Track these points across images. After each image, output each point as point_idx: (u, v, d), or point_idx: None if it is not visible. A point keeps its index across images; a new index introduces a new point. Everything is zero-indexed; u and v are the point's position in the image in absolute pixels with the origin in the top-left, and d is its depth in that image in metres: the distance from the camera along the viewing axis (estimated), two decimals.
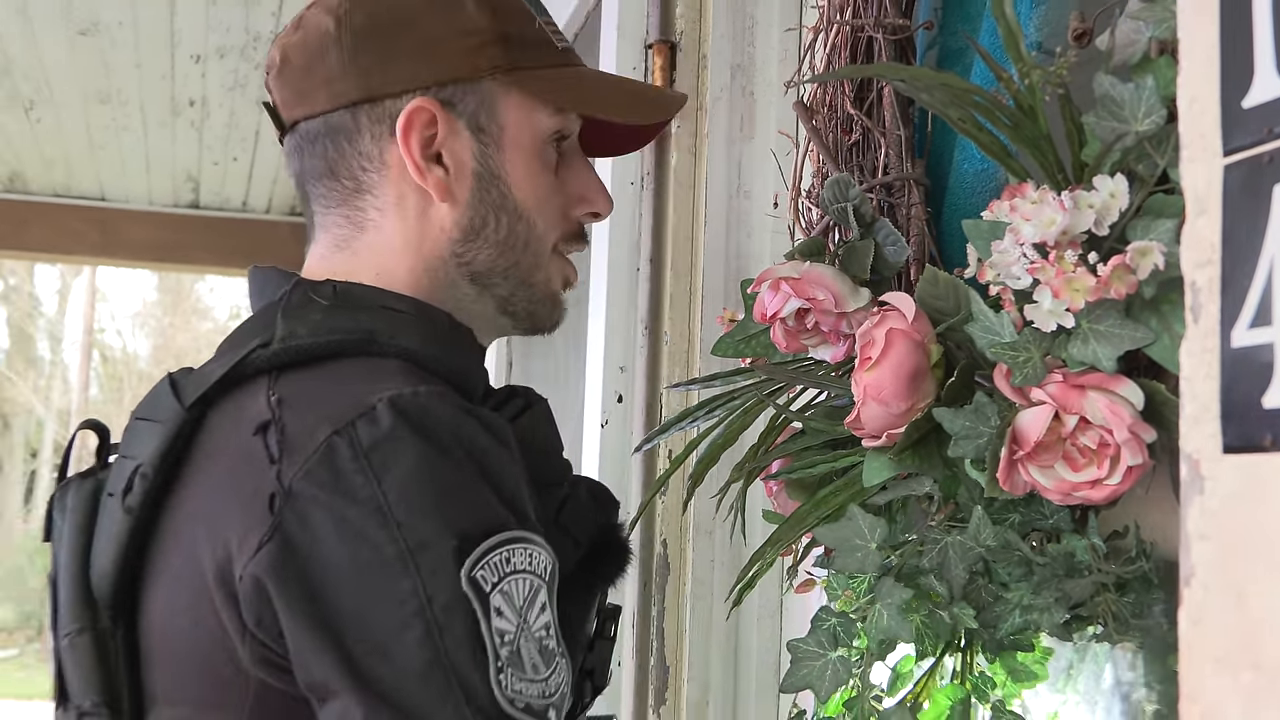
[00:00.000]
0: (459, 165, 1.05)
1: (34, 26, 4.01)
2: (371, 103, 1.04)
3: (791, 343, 1.29)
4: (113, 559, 0.97)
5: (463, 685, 0.82)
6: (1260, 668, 0.72)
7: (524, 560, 0.86)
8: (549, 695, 0.84)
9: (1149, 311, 0.99)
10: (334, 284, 1.03)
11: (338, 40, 1.03)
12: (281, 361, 0.95)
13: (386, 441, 0.87)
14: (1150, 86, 1.01)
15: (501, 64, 1.05)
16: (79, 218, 6.00)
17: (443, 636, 0.82)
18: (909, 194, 1.37)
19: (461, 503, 0.87)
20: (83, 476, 1.04)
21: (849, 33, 1.46)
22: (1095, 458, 1.02)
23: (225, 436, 0.95)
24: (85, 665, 0.97)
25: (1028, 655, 1.22)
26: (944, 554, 1.16)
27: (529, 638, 0.85)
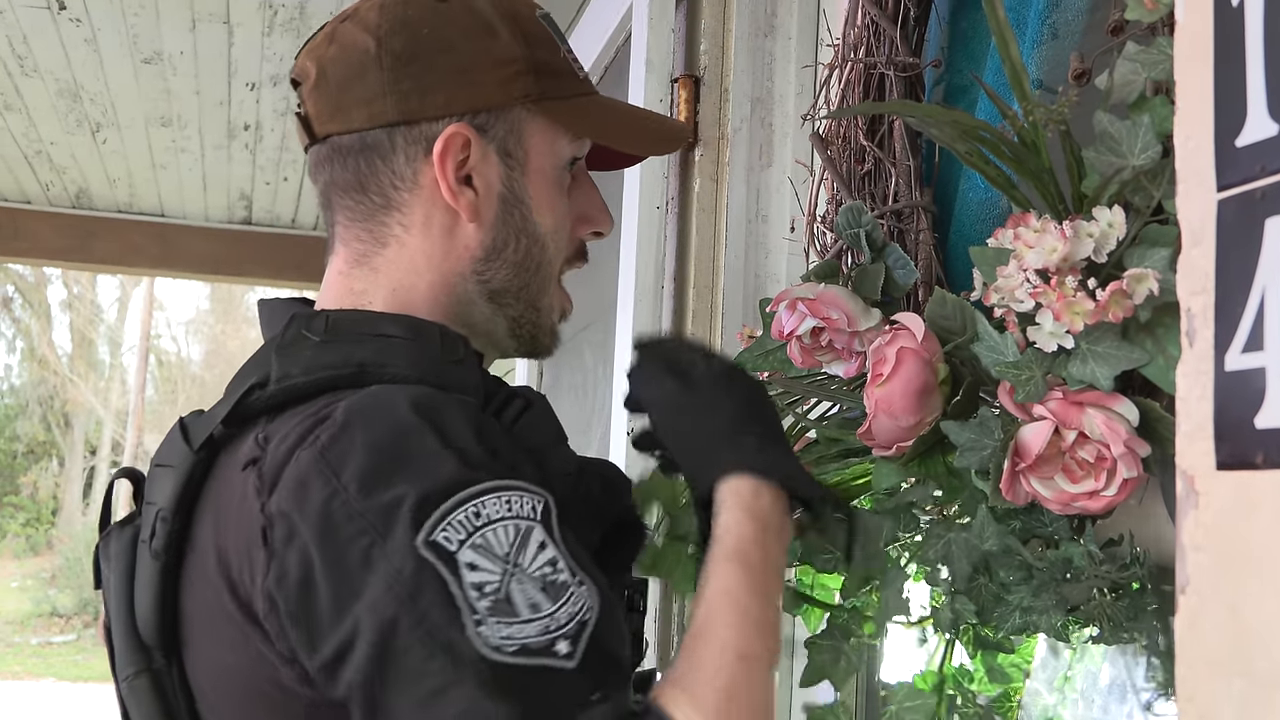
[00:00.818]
0: (487, 188, 1.03)
1: (101, 56, 4.03)
2: (408, 124, 1.02)
3: (807, 359, 1.29)
4: (151, 603, 0.96)
5: (445, 646, 0.78)
6: (1251, 676, 0.72)
7: (499, 509, 0.83)
8: (555, 629, 0.80)
9: (1144, 334, 0.99)
10: (327, 316, 1.00)
11: (378, 61, 1.01)
12: (278, 402, 0.94)
13: (341, 437, 0.86)
14: (1146, 124, 1.01)
15: (532, 93, 1.04)
16: (140, 232, 6.03)
17: (415, 603, 0.79)
18: (918, 221, 1.37)
19: (417, 472, 0.84)
20: (122, 525, 1.03)
21: (862, 69, 1.46)
22: (1093, 470, 1.02)
23: (228, 477, 0.94)
24: (146, 705, 0.97)
25: (1007, 658, 1.22)
26: (948, 548, 1.15)
27: (524, 579, 0.81)
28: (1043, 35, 1.35)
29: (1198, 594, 0.76)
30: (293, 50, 3.94)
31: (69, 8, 3.67)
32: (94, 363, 21.37)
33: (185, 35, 3.84)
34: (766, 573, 0.91)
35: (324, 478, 0.84)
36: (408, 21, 1.02)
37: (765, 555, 0.92)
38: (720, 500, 0.95)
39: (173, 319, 24.13)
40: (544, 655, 0.79)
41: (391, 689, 0.80)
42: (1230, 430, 0.74)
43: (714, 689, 0.82)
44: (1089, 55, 1.13)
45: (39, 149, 5.06)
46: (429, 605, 0.79)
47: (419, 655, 0.79)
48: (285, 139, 4.79)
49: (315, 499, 0.84)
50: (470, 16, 1.03)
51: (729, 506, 0.94)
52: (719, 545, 0.92)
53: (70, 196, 5.76)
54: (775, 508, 0.95)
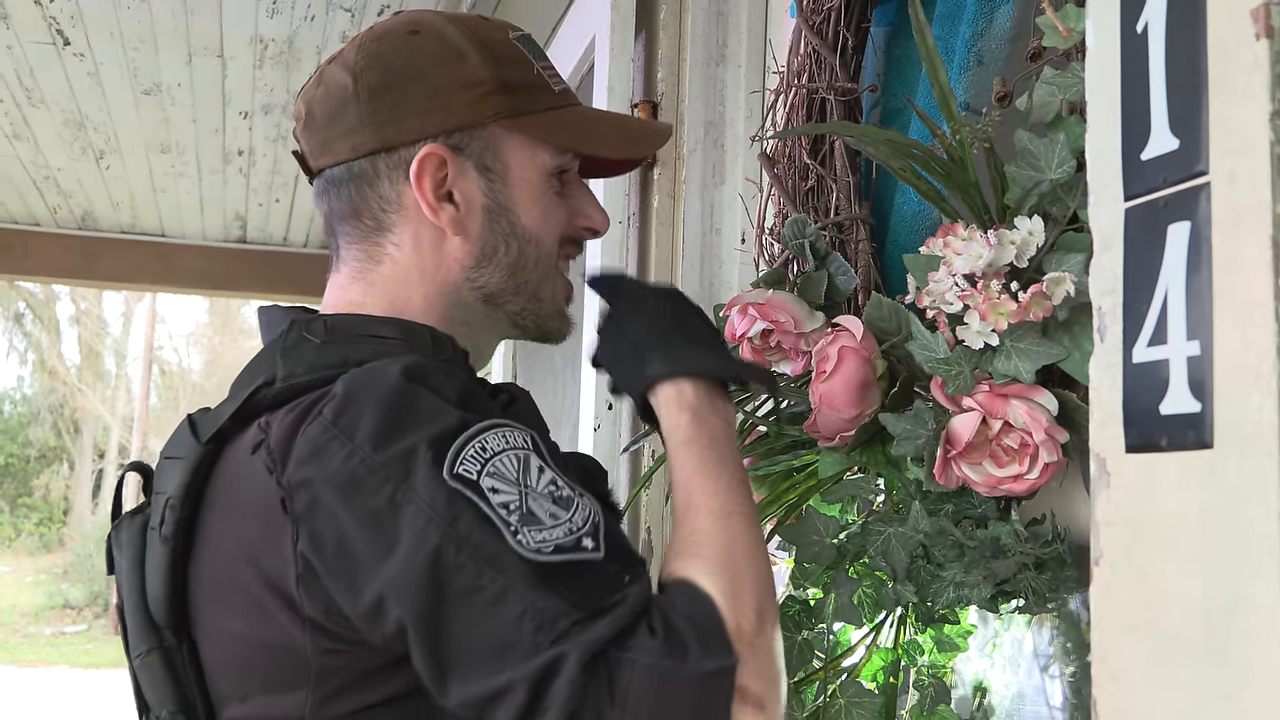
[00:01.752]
0: (469, 202, 1.03)
1: (104, 87, 4.00)
2: (388, 151, 1.02)
3: (758, 358, 1.30)
4: (161, 585, 0.96)
5: (489, 558, 0.80)
6: (1160, 636, 0.73)
7: (499, 442, 0.85)
8: (578, 530, 0.83)
9: (1062, 332, 1.00)
10: (325, 320, 1.00)
11: (355, 96, 1.01)
12: (283, 399, 0.94)
13: (346, 406, 0.87)
14: (1062, 141, 1.02)
15: (503, 110, 1.02)
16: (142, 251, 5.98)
17: (455, 528, 0.81)
18: (857, 232, 1.38)
19: (423, 423, 0.85)
20: (132, 514, 1.02)
21: (805, 94, 1.46)
22: (1017, 456, 1.03)
23: (236, 465, 0.93)
24: (158, 680, 0.96)
25: (953, 629, 1.23)
26: (888, 542, 1.16)
27: (537, 496, 0.84)
28: (969, 62, 1.36)
29: (1110, 565, 0.77)
30: (282, 81, 3.93)
31: (73, 43, 3.64)
32: (101, 373, 21.14)
33: (182, 68, 3.82)
34: (716, 446, 0.94)
35: (339, 442, 0.85)
36: (381, 55, 1.02)
37: (711, 434, 0.95)
38: (656, 407, 0.99)
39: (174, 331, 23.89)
40: (576, 551, 0.82)
41: (450, 609, 0.81)
42: (1138, 416, 0.75)
43: (715, 547, 0.86)
44: (1011, 79, 1.14)
45: (47, 175, 5.01)
46: (469, 527, 0.81)
47: (470, 572, 0.80)
48: (276, 164, 4.76)
49: (334, 461, 0.85)
50: (440, 45, 1.02)
51: (664, 409, 0.98)
52: (669, 441, 0.96)
53: (76, 219, 5.71)
54: (704, 394, 0.98)
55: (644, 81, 1.99)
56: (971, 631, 1.23)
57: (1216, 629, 0.69)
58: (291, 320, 1.00)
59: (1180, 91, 0.74)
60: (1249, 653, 0.66)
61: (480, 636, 0.79)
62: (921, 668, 1.23)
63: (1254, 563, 0.66)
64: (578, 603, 0.79)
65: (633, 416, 1.99)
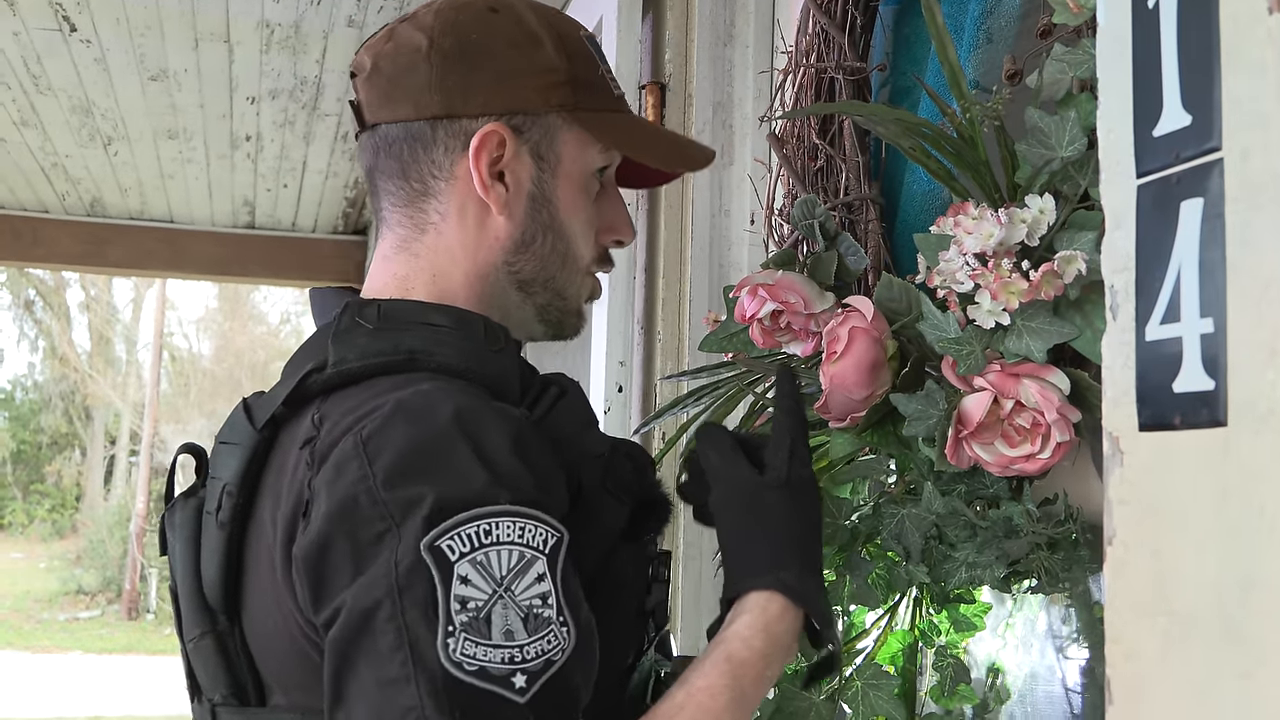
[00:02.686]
0: (518, 185, 1.02)
1: (111, 74, 4.00)
2: (450, 119, 1.01)
3: (767, 339, 1.30)
4: (217, 569, 0.96)
5: (412, 643, 0.77)
6: (1173, 614, 0.72)
7: (512, 533, 0.80)
8: (520, 662, 0.78)
9: (1074, 310, 1.00)
10: (379, 305, 1.00)
11: (428, 58, 1.01)
12: (333, 385, 0.93)
13: (383, 429, 0.85)
14: (1073, 119, 1.01)
15: (567, 103, 1.02)
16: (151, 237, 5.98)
17: (402, 597, 0.78)
18: (867, 212, 1.38)
19: (445, 478, 0.82)
20: (186, 496, 1.02)
21: (814, 74, 1.46)
22: (1029, 435, 1.02)
23: (286, 453, 0.93)
24: (211, 664, 0.97)
25: (969, 608, 1.23)
26: (901, 524, 1.16)
27: (510, 605, 0.79)
28: (978, 40, 1.35)
29: (1124, 544, 0.77)
30: (290, 67, 3.92)
31: (79, 29, 3.64)
32: (111, 359, 21.20)
33: (189, 54, 3.81)
34: (753, 692, 0.90)
35: (359, 462, 0.84)
36: (459, 25, 1.02)
37: (760, 676, 0.90)
38: (747, 604, 0.93)
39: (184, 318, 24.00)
40: (498, 684, 0.77)
41: (357, 661, 0.80)
42: (1151, 395, 0.75)
43: None
44: (1021, 57, 1.13)
45: (55, 162, 5.02)
46: (411, 603, 0.78)
47: (388, 643, 0.78)
48: (284, 149, 4.76)
49: (346, 480, 0.84)
50: (518, 27, 1.02)
51: (752, 614, 0.92)
52: (725, 645, 0.91)
53: (85, 205, 5.71)
54: (790, 632, 0.93)
55: (652, 62, 1.99)
56: (988, 609, 1.23)
57: (1230, 608, 0.68)
58: (345, 304, 1.00)
59: (1192, 67, 0.74)
60: (1263, 631, 0.66)
61: (372, 700, 0.78)
62: (939, 649, 1.23)
63: (1268, 541, 0.66)
64: None
65: (643, 398, 1.99)
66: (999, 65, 1.19)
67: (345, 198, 5.56)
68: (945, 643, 1.23)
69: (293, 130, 4.54)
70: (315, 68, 3.94)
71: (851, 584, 1.22)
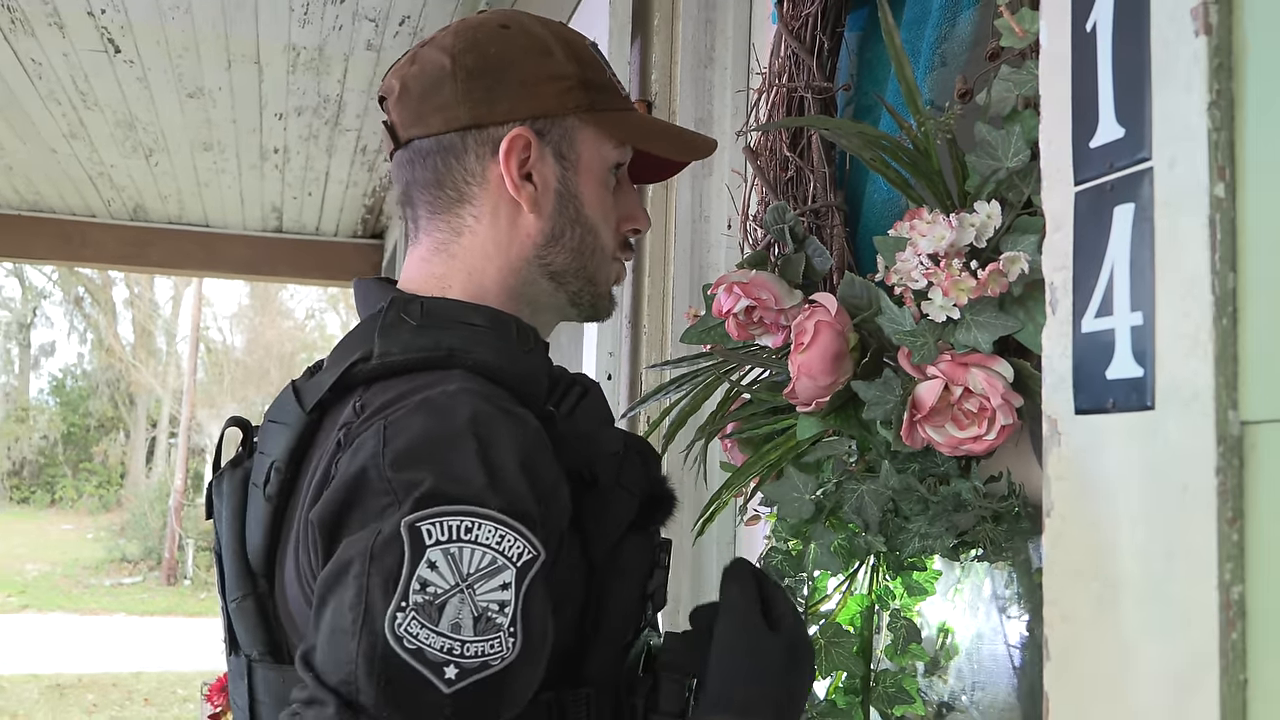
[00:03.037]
0: (545, 184, 1.00)
1: (151, 91, 3.98)
2: (478, 128, 0.99)
3: (741, 332, 1.29)
4: (262, 537, 0.94)
5: (368, 605, 0.75)
6: (1106, 580, 0.72)
7: (491, 538, 0.77)
8: (457, 655, 0.75)
9: (1017, 306, 0.99)
10: (422, 302, 0.97)
11: (452, 76, 0.99)
12: (377, 375, 0.92)
13: (405, 418, 0.83)
14: (1018, 133, 1.00)
15: (582, 104, 1.01)
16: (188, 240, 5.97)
17: (372, 562, 0.76)
18: (832, 218, 1.37)
19: (446, 469, 0.80)
20: (234, 465, 1.01)
21: (785, 93, 1.45)
22: (976, 419, 1.02)
23: (328, 435, 0.91)
24: (250, 623, 0.95)
25: (922, 575, 1.22)
26: (861, 499, 1.15)
27: (467, 601, 0.76)
28: (933, 63, 1.34)
29: (1061, 516, 0.77)
30: (314, 87, 3.90)
31: (123, 51, 3.61)
32: (153, 350, 21.12)
33: (222, 73, 3.79)
34: None
35: (376, 441, 0.83)
36: (477, 43, 1.01)
37: None
38: None
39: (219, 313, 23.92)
40: (430, 669, 0.75)
41: (325, 609, 0.78)
42: (1086, 381, 0.75)
43: None
44: (971, 78, 1.13)
45: (101, 171, 4.99)
46: (377, 569, 0.76)
47: (350, 597, 0.77)
48: (309, 161, 4.74)
49: (362, 455, 0.83)
50: (529, 39, 1.01)
51: None
52: None
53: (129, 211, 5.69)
54: None
55: (639, 82, 1.98)
56: (939, 576, 1.22)
57: (1158, 574, 0.68)
58: (391, 299, 0.98)
59: (1126, 84, 0.73)
60: (1187, 595, 0.66)
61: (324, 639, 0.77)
62: (894, 611, 1.23)
63: (1192, 513, 0.65)
64: (385, 703, 0.74)
65: (630, 386, 1.98)
66: (952, 86, 1.18)
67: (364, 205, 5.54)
68: (899, 606, 1.23)
69: (317, 144, 4.52)
70: (337, 87, 3.92)
71: (816, 551, 1.22)
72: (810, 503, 1.22)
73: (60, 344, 23.05)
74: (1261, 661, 0.62)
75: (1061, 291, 0.78)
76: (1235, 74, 0.66)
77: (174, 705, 8.87)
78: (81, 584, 15.24)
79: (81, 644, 11.01)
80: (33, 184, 5.23)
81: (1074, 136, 0.78)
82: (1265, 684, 0.62)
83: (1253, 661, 0.63)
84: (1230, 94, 0.66)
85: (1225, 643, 0.63)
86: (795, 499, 1.22)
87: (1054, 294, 0.79)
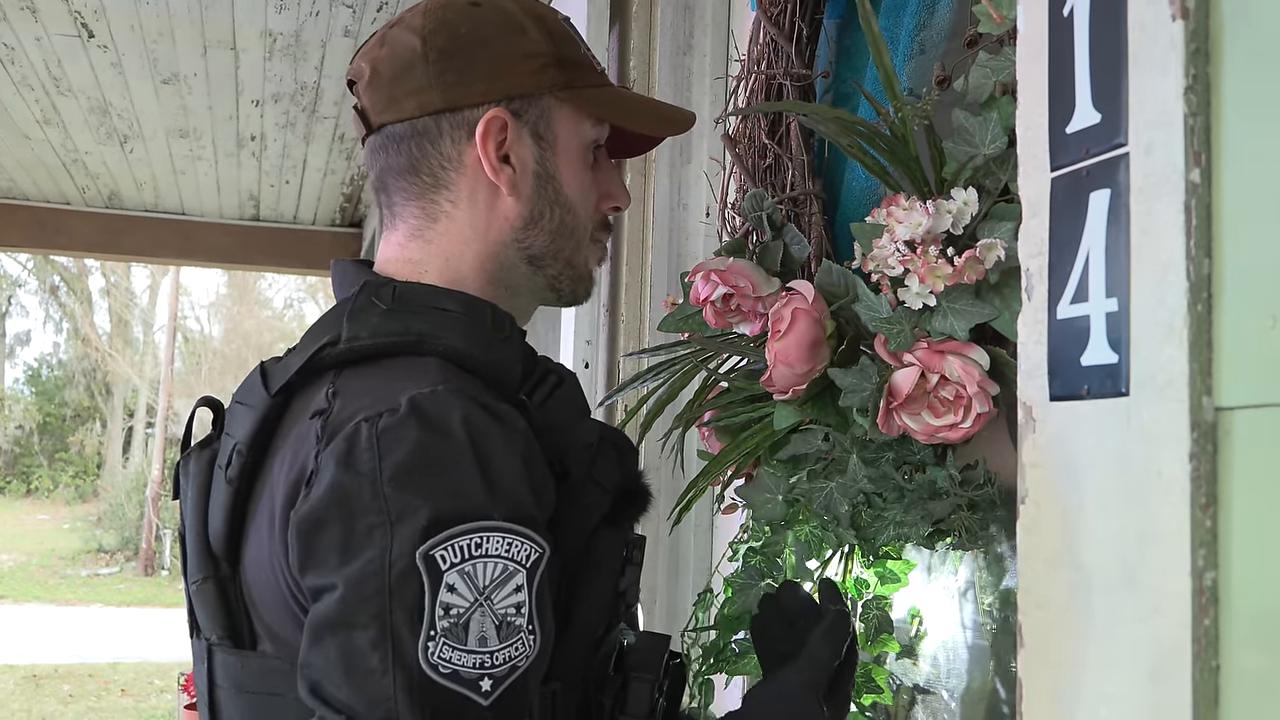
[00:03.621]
0: (523, 165, 0.98)
1: (126, 77, 3.93)
2: (452, 111, 0.97)
3: (719, 320, 1.28)
4: (223, 520, 0.92)
5: (395, 641, 0.76)
6: (1079, 566, 0.72)
7: (500, 547, 0.78)
8: (489, 666, 0.77)
9: (993, 293, 0.99)
10: (395, 286, 0.95)
11: (424, 58, 0.97)
12: (345, 359, 0.90)
13: (396, 428, 0.81)
14: (995, 119, 1.00)
15: (558, 82, 0.99)
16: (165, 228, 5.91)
17: (391, 597, 0.76)
18: (810, 205, 1.36)
19: (447, 488, 0.79)
20: (201, 447, 0.99)
21: (764, 80, 1.44)
22: (952, 407, 1.02)
23: (296, 420, 0.90)
24: (210, 606, 0.94)
25: (895, 564, 1.22)
26: (830, 495, 1.15)
27: (487, 613, 0.77)
28: (912, 50, 1.34)
29: (1035, 503, 0.76)
30: (291, 73, 3.86)
31: (97, 35, 3.57)
32: (130, 340, 20.95)
33: (198, 59, 3.75)
34: None
35: (371, 453, 0.81)
36: (448, 23, 0.98)
37: None
38: None
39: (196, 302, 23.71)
40: (467, 686, 0.77)
41: (329, 644, 0.78)
42: (1061, 368, 0.74)
43: None
44: (949, 66, 1.12)
45: (75, 158, 4.94)
46: (399, 605, 0.77)
47: (370, 638, 0.77)
48: (286, 148, 4.70)
49: (355, 467, 0.81)
50: (501, 16, 0.99)
51: None
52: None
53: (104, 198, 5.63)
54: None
55: (618, 69, 1.97)
56: (912, 566, 1.22)
57: (1131, 560, 0.68)
58: (364, 282, 0.96)
59: (1102, 69, 0.73)
60: (1160, 582, 0.65)
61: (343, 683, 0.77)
62: (867, 601, 1.22)
63: (1165, 500, 0.65)
64: None
65: (607, 374, 1.98)
66: (930, 74, 1.18)
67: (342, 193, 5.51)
68: (873, 595, 1.23)
69: (294, 131, 4.49)
70: (314, 74, 3.89)
71: (791, 554, 1.21)
72: (782, 504, 1.21)
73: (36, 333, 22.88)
74: (1234, 648, 0.62)
75: (1037, 278, 0.77)
76: (1212, 59, 0.66)
77: (151, 695, 8.82)
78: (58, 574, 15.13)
79: (58, 634, 10.94)
80: (6, 171, 5.17)
81: (1050, 122, 0.77)
82: (1238, 670, 0.62)
83: (1225, 648, 0.63)
84: (1207, 79, 0.66)
85: (1198, 629, 0.63)
86: (768, 500, 1.22)
87: (1029, 280, 0.78)
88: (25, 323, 23.09)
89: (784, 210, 1.36)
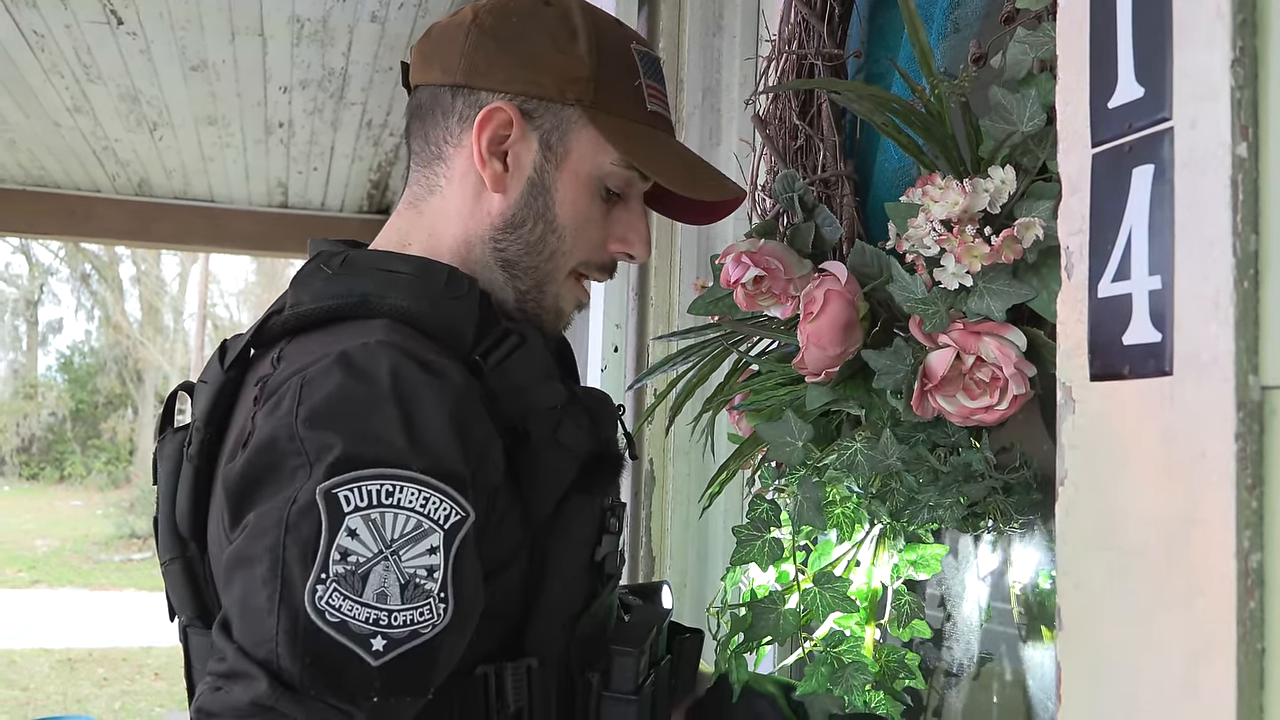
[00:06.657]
0: (518, 167, 0.97)
1: (155, 65, 3.96)
2: (469, 90, 0.97)
3: (750, 303, 1.27)
4: (187, 500, 0.91)
5: (285, 579, 0.72)
6: (1119, 548, 0.71)
7: (414, 500, 0.74)
8: (385, 625, 0.72)
9: (1031, 273, 0.98)
10: (346, 254, 0.93)
11: (467, 31, 0.97)
12: (293, 326, 0.88)
13: (322, 374, 0.79)
14: (1033, 96, 0.99)
15: (585, 99, 0.96)
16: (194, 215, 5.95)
17: (287, 533, 0.73)
18: (842, 187, 1.35)
19: (362, 429, 0.76)
20: (175, 431, 0.98)
21: (795, 60, 1.43)
22: (988, 389, 1.01)
23: (247, 392, 0.88)
24: (179, 587, 0.93)
25: (928, 549, 1.21)
26: (854, 456, 1.13)
27: (392, 568, 0.73)
28: (946, 29, 1.32)
29: (1074, 485, 0.75)
30: (319, 59, 3.87)
31: (126, 22, 3.59)
32: (160, 327, 21.17)
33: (226, 46, 3.77)
34: None
35: (292, 399, 0.79)
36: (507, 10, 0.98)
37: None
38: None
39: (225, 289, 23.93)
40: (355, 641, 0.72)
41: (235, 581, 0.76)
42: (1102, 347, 0.73)
43: None
44: (985, 42, 1.11)
45: (105, 145, 4.98)
46: (293, 541, 0.73)
47: (263, 573, 0.74)
48: (314, 135, 4.72)
49: (278, 414, 0.79)
50: (560, 22, 0.97)
51: None
52: None
53: (133, 186, 5.68)
54: None
55: None
56: (945, 553, 1.21)
57: (1173, 542, 0.67)
58: (318, 252, 0.96)
59: (1146, 42, 0.71)
60: (1203, 564, 0.64)
61: (238, 620, 0.75)
62: (900, 586, 1.22)
63: (1209, 481, 0.64)
64: (310, 680, 0.72)
65: (636, 358, 1.97)
66: (965, 53, 1.16)
67: (369, 180, 5.52)
68: (903, 581, 1.22)
69: (321, 118, 4.50)
70: (342, 60, 3.90)
71: (802, 504, 1.18)
72: (800, 450, 1.18)
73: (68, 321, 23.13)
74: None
75: (1077, 256, 0.76)
76: (1260, 30, 0.64)
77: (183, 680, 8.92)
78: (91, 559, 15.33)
79: (92, 619, 11.09)
80: (36, 158, 5.22)
81: (1091, 97, 0.76)
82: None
83: (1270, 631, 0.61)
84: (1254, 51, 0.64)
85: (1243, 612, 0.62)
86: (787, 443, 1.19)
87: (1069, 258, 0.77)
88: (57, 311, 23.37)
89: (815, 192, 1.35)
